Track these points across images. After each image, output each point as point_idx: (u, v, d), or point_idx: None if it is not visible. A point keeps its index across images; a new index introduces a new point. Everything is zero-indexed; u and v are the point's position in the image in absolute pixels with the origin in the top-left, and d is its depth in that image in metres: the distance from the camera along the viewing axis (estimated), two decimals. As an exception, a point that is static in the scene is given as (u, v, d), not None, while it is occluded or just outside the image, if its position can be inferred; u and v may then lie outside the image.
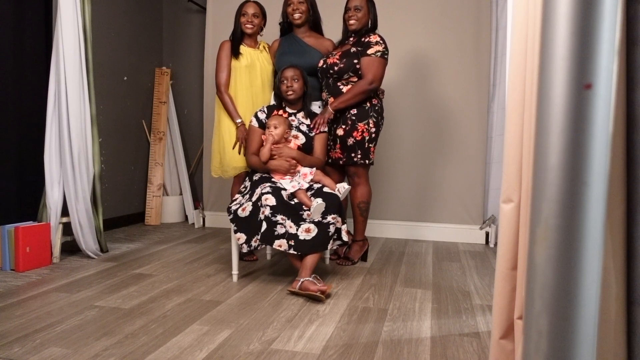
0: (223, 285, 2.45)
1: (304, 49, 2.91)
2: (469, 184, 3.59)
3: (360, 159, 2.81)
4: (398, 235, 3.73)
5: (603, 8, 0.36)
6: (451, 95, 3.60)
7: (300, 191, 2.43)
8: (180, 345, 1.71)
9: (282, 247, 2.30)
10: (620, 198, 0.92)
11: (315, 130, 2.70)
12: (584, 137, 0.37)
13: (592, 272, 0.38)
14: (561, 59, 0.38)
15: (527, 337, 0.40)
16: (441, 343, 1.77)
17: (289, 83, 2.62)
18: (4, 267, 2.69)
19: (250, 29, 2.89)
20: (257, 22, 2.91)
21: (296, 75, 2.62)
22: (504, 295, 1.33)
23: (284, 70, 2.66)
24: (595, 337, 0.38)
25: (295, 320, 1.97)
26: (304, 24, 2.91)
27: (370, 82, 2.73)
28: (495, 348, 1.36)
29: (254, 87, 2.92)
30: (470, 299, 2.26)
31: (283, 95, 2.66)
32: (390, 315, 2.04)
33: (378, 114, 2.86)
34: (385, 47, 2.78)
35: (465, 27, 3.54)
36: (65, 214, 2.88)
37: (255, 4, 2.91)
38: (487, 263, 2.97)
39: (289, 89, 2.62)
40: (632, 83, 0.90)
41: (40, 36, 3.23)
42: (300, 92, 2.65)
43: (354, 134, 2.79)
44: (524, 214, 1.26)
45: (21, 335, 1.78)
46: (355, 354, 1.67)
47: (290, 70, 2.64)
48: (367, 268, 2.82)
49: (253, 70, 2.91)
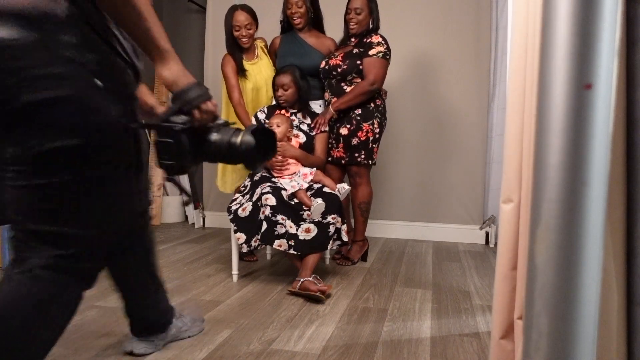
0: (223, 285, 2.45)
1: (305, 50, 2.90)
2: (469, 184, 3.59)
3: (364, 159, 2.81)
4: (398, 235, 3.73)
5: (603, 8, 0.36)
6: (451, 95, 3.60)
7: (300, 191, 2.43)
8: (180, 345, 1.71)
9: (282, 247, 2.31)
10: (620, 198, 0.92)
11: (316, 130, 2.71)
12: (584, 137, 0.37)
13: (592, 272, 0.38)
14: (561, 59, 0.38)
15: (527, 337, 0.40)
16: (441, 343, 1.77)
17: (280, 92, 2.63)
18: (4, 267, 2.69)
19: (246, 43, 2.82)
20: (252, 32, 2.83)
21: (287, 83, 2.62)
22: (504, 295, 1.33)
23: (276, 77, 2.67)
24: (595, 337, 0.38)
25: (295, 320, 1.97)
26: (304, 25, 2.90)
27: (371, 82, 2.73)
28: (495, 348, 1.36)
29: (260, 105, 2.93)
30: (470, 299, 2.26)
31: (276, 101, 2.69)
32: (390, 315, 2.04)
33: (382, 115, 2.87)
34: (387, 47, 2.78)
35: (465, 27, 3.54)
36: (65, 214, 2.87)
37: (244, 11, 2.79)
38: (487, 263, 2.97)
39: (280, 98, 2.65)
40: (632, 83, 0.90)
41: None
42: (293, 98, 2.65)
43: (359, 134, 2.79)
44: (524, 214, 1.26)
45: (21, 335, 1.78)
46: (355, 354, 1.67)
47: (281, 77, 2.64)
48: (367, 268, 2.82)
49: (260, 92, 2.93)
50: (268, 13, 3.26)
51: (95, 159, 1.04)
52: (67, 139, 0.99)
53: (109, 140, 1.06)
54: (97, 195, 1.08)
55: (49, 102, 0.96)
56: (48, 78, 0.96)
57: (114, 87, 1.04)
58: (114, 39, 1.07)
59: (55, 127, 0.98)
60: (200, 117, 1.09)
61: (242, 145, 1.08)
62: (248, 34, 2.80)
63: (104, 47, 1.04)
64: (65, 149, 1.00)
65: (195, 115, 1.08)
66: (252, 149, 1.07)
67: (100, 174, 1.07)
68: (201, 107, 1.08)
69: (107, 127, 1.04)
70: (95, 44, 1.01)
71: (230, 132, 1.11)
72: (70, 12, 0.98)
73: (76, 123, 1.00)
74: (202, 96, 1.09)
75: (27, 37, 0.93)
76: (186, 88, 1.07)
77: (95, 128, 1.02)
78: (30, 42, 0.94)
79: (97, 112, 1.02)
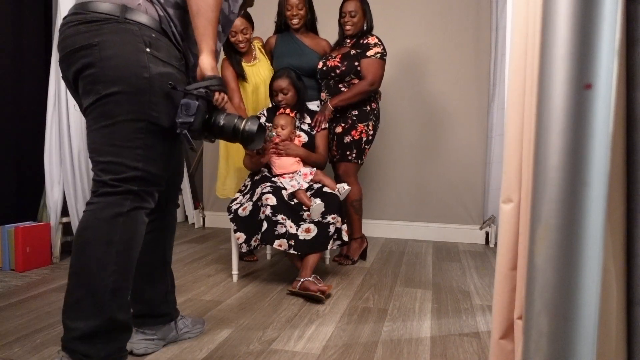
0: (223, 285, 2.45)
1: (302, 50, 2.91)
2: (469, 184, 3.59)
3: (354, 158, 2.85)
4: (398, 235, 3.73)
5: (603, 8, 0.36)
6: (451, 95, 3.60)
7: (300, 191, 2.43)
8: (180, 345, 1.71)
9: (283, 246, 2.31)
10: (620, 198, 0.92)
11: (317, 128, 2.71)
12: (584, 137, 0.37)
13: (592, 272, 0.38)
14: (561, 59, 0.38)
15: (527, 337, 0.40)
16: (441, 343, 1.77)
17: (280, 97, 2.63)
18: (4, 267, 2.69)
19: (243, 47, 2.80)
20: (248, 36, 2.81)
21: (286, 87, 2.62)
22: (504, 295, 1.33)
23: (274, 80, 2.66)
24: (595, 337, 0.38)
25: (295, 320, 1.97)
26: (302, 27, 2.90)
27: (371, 83, 2.76)
28: (495, 348, 1.36)
29: (260, 107, 2.93)
30: (470, 299, 2.26)
31: (277, 104, 2.68)
32: (390, 315, 2.04)
33: (376, 118, 2.92)
34: (383, 48, 2.81)
35: (465, 27, 3.54)
36: (65, 214, 2.88)
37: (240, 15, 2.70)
38: (487, 263, 2.97)
39: (280, 103, 2.64)
40: (632, 83, 0.90)
41: (40, 36, 3.23)
42: (293, 101, 2.66)
43: (352, 133, 2.82)
44: (524, 214, 1.26)
45: (21, 335, 1.78)
46: (355, 354, 1.67)
47: (279, 81, 2.63)
48: (367, 268, 2.82)
49: (260, 95, 2.93)
50: (263, 10, 3.25)
51: (141, 105, 1.34)
52: (114, 87, 1.31)
53: (149, 90, 1.34)
54: (147, 137, 1.37)
55: (103, 59, 1.31)
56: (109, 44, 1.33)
57: (161, 56, 1.37)
58: (170, 26, 1.43)
59: (108, 78, 1.31)
60: (217, 98, 1.44)
61: (245, 128, 1.47)
62: (245, 38, 2.78)
63: (157, 32, 1.40)
64: (115, 94, 1.31)
65: (215, 96, 1.43)
66: (254, 132, 1.48)
67: (147, 120, 1.36)
68: (220, 94, 1.44)
69: (148, 79, 1.33)
70: (152, 28, 1.39)
71: (235, 117, 1.46)
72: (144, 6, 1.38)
73: (122, 75, 1.31)
74: (222, 87, 1.44)
75: (113, 9, 1.34)
76: (213, 76, 1.42)
77: (137, 79, 1.32)
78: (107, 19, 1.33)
79: (141, 68, 1.33)
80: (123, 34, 1.32)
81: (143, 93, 1.33)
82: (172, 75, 1.39)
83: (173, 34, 1.43)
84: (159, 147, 1.41)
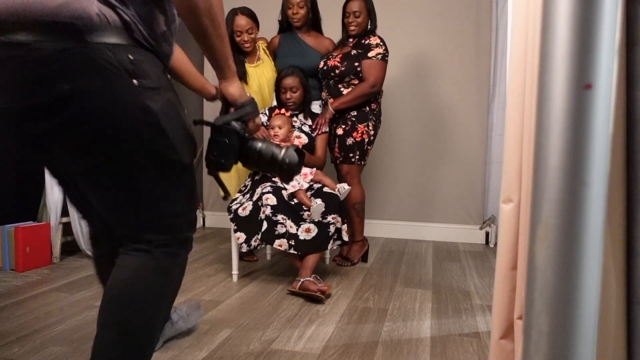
0: (223, 285, 2.45)
1: (305, 50, 2.91)
2: (469, 184, 3.59)
3: (357, 160, 2.83)
4: (398, 235, 3.73)
5: (603, 8, 0.36)
6: (451, 95, 3.60)
7: (300, 191, 2.43)
8: (180, 345, 1.71)
9: (283, 246, 2.31)
10: (620, 198, 0.92)
11: (318, 131, 2.71)
12: (584, 137, 0.37)
13: (592, 272, 0.38)
14: (561, 59, 0.38)
15: (527, 337, 0.40)
16: (441, 343, 1.77)
17: (288, 95, 2.63)
18: (4, 267, 2.69)
19: (249, 47, 2.80)
20: (254, 36, 2.80)
21: (295, 85, 2.62)
22: (504, 295, 1.33)
23: (283, 78, 2.66)
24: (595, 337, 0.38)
25: (295, 320, 1.97)
26: (303, 25, 2.90)
27: (372, 85, 2.75)
28: (495, 348, 1.36)
29: (263, 107, 2.92)
30: (470, 299, 2.26)
31: (283, 103, 2.67)
32: (390, 315, 2.04)
33: (377, 118, 2.90)
34: (385, 49, 2.79)
35: (465, 27, 3.54)
36: (65, 214, 2.88)
37: (245, 15, 2.75)
38: (487, 263, 2.97)
39: (288, 101, 2.64)
40: (632, 83, 0.90)
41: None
42: (300, 100, 2.66)
43: (354, 134, 2.81)
44: (524, 214, 1.26)
45: (21, 335, 1.78)
46: (355, 354, 1.67)
47: (289, 79, 2.63)
48: (367, 268, 2.82)
49: (264, 95, 2.93)
50: (267, 10, 3.25)
51: (158, 155, 1.11)
52: (120, 146, 1.06)
53: (162, 135, 1.10)
54: (176, 178, 1.17)
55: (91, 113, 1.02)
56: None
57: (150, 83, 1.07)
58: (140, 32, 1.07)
59: (107, 137, 1.04)
60: (252, 127, 1.28)
61: (285, 159, 1.25)
62: (250, 38, 2.78)
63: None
64: (123, 154, 1.07)
65: (250, 125, 1.27)
66: (295, 165, 1.27)
67: (171, 166, 1.15)
68: (255, 120, 1.28)
69: (155, 125, 1.08)
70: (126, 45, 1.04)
71: (274, 145, 1.28)
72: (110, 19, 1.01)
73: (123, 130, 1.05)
74: (256, 111, 1.28)
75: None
76: (246, 102, 1.26)
77: (143, 128, 1.07)
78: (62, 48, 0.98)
79: (142, 112, 1.05)
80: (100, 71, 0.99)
81: (155, 141, 1.09)
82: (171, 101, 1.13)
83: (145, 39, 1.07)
84: (187, 183, 1.22)
